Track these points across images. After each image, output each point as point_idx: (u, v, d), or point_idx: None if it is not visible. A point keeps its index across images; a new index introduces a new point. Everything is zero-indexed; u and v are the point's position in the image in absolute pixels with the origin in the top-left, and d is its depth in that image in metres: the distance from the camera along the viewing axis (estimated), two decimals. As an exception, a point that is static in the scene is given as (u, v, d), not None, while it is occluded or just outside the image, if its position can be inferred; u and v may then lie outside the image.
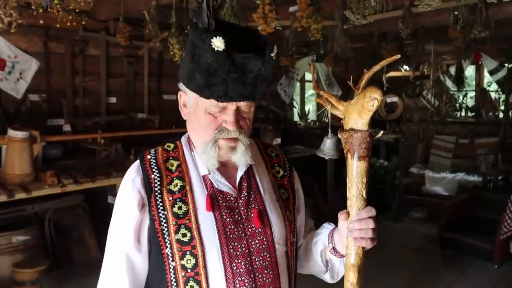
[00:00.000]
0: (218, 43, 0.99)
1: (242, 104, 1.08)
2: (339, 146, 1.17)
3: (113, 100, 4.62)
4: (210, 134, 1.09)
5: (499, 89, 6.72)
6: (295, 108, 6.89)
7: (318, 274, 1.32)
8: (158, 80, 4.95)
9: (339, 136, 1.11)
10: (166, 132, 4.49)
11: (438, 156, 6.91)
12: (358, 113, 1.04)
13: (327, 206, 5.37)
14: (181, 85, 1.14)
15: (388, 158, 6.48)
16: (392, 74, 6.68)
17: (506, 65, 6.06)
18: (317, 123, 6.76)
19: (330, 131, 1.21)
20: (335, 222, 1.20)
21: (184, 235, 1.07)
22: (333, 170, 5.27)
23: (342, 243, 1.16)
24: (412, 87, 7.35)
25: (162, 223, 1.08)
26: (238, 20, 3.19)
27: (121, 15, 3.94)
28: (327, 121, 1.16)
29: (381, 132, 1.10)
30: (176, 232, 1.07)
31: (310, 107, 8.23)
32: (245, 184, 1.16)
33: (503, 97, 6.63)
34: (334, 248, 1.21)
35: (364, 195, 1.07)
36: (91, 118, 4.43)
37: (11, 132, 3.38)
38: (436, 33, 4.93)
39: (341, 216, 1.10)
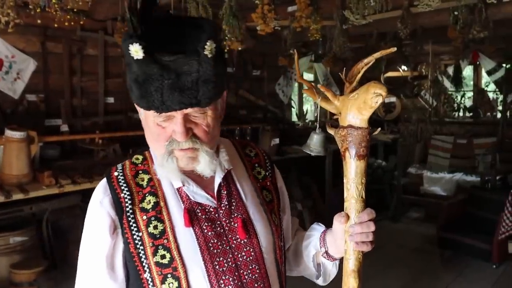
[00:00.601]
0: (135, 50, 0.87)
1: (191, 110, 0.94)
2: (326, 143, 1.12)
3: (111, 100, 4.59)
4: (162, 146, 0.98)
5: (497, 89, 6.73)
6: (293, 108, 6.88)
7: (309, 277, 1.26)
8: (156, 80, 4.94)
9: (333, 132, 1.02)
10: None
11: (436, 156, 6.91)
12: (358, 109, 0.95)
13: (326, 206, 5.37)
14: None
15: (386, 158, 6.48)
16: (390, 74, 6.67)
17: (504, 65, 6.07)
18: (315, 123, 6.75)
19: (318, 125, 1.15)
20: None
21: (163, 256, 0.97)
22: (331, 169, 5.26)
23: (335, 246, 1.10)
24: (410, 87, 7.34)
25: (138, 246, 0.98)
26: (237, 20, 3.19)
27: (119, 15, 3.92)
28: (316, 115, 1.09)
29: (379, 129, 1.03)
30: (154, 254, 0.97)
31: (308, 107, 8.22)
32: (225, 192, 1.06)
33: (501, 97, 6.65)
34: (326, 252, 1.14)
35: (363, 196, 0.99)
36: (89, 118, 4.41)
37: (9, 133, 3.37)
38: (435, 33, 4.93)
39: (339, 219, 1.01)
